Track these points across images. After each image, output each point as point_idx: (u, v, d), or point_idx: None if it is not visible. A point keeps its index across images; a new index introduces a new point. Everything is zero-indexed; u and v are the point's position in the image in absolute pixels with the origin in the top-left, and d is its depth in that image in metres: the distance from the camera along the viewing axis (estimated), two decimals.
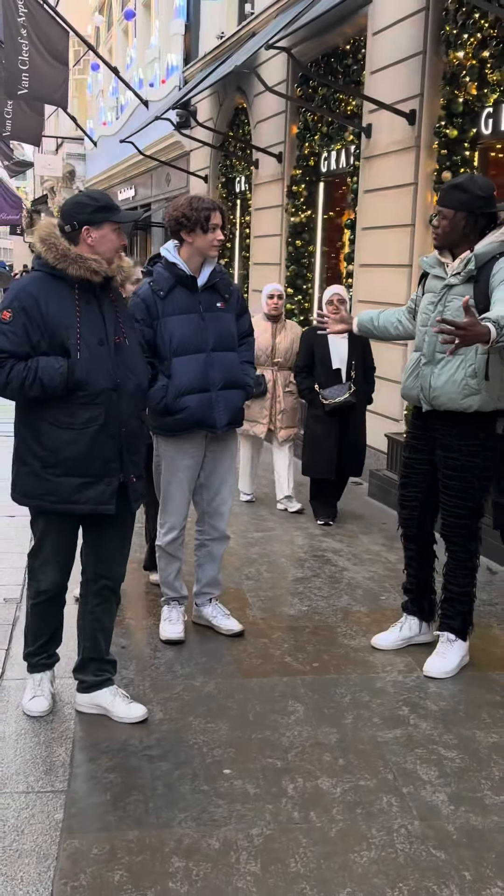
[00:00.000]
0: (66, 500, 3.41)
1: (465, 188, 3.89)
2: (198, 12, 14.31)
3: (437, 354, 3.96)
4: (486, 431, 4.01)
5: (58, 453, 3.37)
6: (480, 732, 3.65)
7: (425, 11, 7.21)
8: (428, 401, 4.01)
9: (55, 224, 3.38)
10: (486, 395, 3.88)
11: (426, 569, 4.37)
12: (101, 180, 22.06)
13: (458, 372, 3.89)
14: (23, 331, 3.28)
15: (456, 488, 4.05)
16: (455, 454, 4.02)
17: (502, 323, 3.39)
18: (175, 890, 2.69)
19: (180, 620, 4.47)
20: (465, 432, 3.98)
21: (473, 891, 2.73)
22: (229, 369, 4.22)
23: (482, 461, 4.03)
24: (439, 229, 3.94)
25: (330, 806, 3.13)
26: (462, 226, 3.87)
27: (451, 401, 3.93)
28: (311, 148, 9.88)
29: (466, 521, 4.10)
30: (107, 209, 3.37)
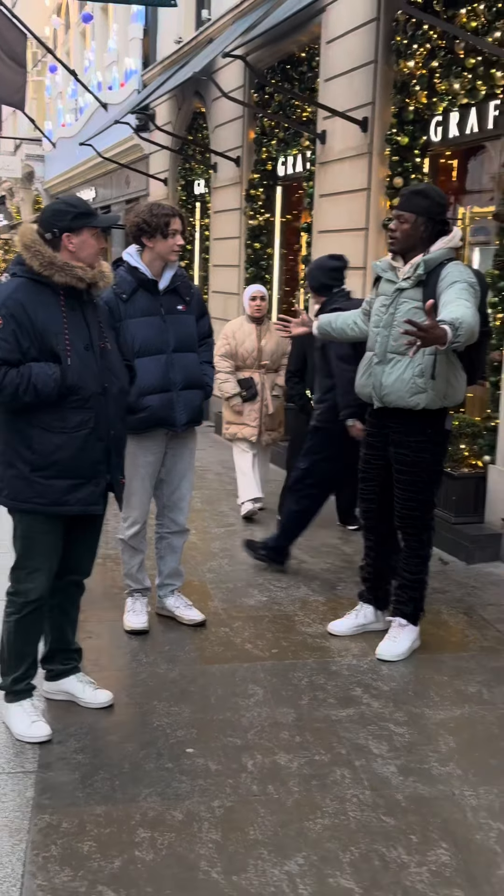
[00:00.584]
0: (56, 501, 3.49)
1: (426, 194, 4.13)
2: (155, 17, 14.46)
3: (388, 354, 4.18)
4: (433, 428, 4.22)
5: (49, 456, 3.45)
6: (429, 710, 3.87)
7: (376, 22, 7.45)
8: (379, 398, 4.23)
9: (35, 230, 3.46)
10: (433, 394, 4.10)
11: (383, 559, 4.57)
12: (61, 182, 22.10)
13: (407, 371, 4.11)
14: (13, 338, 3.36)
15: (407, 482, 4.27)
16: (405, 450, 4.24)
17: (456, 325, 3.62)
18: (141, 858, 2.87)
19: (144, 611, 4.64)
20: (414, 429, 4.20)
21: (420, 852, 2.94)
22: (190, 370, 4.40)
23: (431, 456, 4.25)
24: (398, 233, 4.13)
25: (287, 779, 3.32)
26: (421, 230, 4.10)
27: (400, 398, 4.14)
28: (268, 153, 10.09)
29: (419, 513, 4.32)
30: (85, 215, 3.48)
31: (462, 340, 3.68)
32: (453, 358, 4.12)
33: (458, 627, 4.80)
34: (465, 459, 6.18)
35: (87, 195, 20.01)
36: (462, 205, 7.15)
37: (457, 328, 3.61)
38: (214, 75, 10.85)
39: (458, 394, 4.22)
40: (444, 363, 4.09)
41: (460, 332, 3.64)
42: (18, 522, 3.55)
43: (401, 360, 4.12)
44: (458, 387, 4.20)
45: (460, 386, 4.21)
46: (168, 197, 13.71)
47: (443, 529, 6.07)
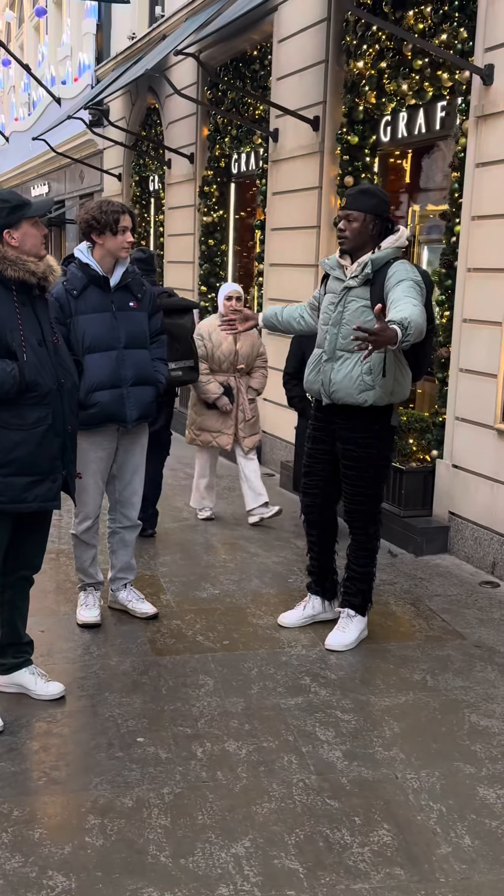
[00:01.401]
0: (14, 499, 3.51)
1: (373, 193, 4.24)
2: (109, 12, 14.43)
3: (337, 352, 4.26)
4: (380, 424, 4.32)
5: (7, 454, 3.47)
6: (374, 697, 3.98)
7: (327, 22, 7.54)
8: (328, 395, 4.32)
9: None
10: (380, 391, 4.20)
11: (327, 552, 4.67)
12: (14, 176, 21.94)
13: (355, 369, 4.20)
14: None
15: (354, 477, 4.37)
16: (352, 445, 4.33)
17: (405, 324, 3.72)
18: (91, 843, 2.93)
19: (96, 605, 4.69)
20: (361, 425, 4.30)
21: (363, 833, 3.03)
22: (141, 366, 4.46)
23: (378, 451, 4.35)
24: (347, 232, 4.21)
25: (235, 766, 3.40)
26: (370, 228, 4.19)
27: (348, 395, 4.23)
28: (221, 150, 10.15)
29: (366, 507, 4.42)
30: (19, 207, 3.48)
31: (411, 339, 3.77)
32: (399, 355, 4.23)
33: (405, 618, 4.92)
34: (414, 454, 6.31)
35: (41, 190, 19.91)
36: (411, 203, 7.27)
37: (406, 327, 3.71)
38: (168, 72, 10.88)
39: (405, 390, 4.32)
40: (392, 361, 4.20)
41: (409, 330, 3.73)
42: None
43: (349, 357, 4.22)
44: (405, 383, 4.31)
45: (406, 382, 4.32)
46: (122, 193, 13.71)
47: (392, 522, 6.20)
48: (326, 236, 7.61)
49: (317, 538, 4.64)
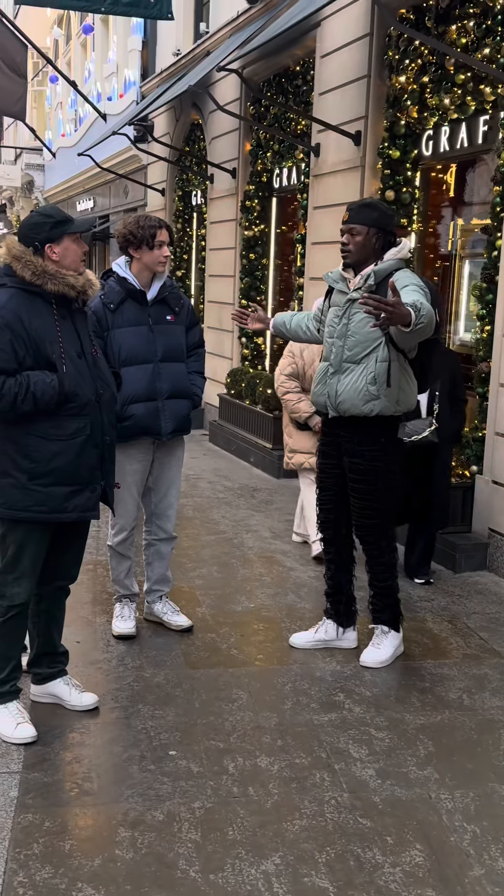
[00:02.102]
0: (55, 509, 3.55)
1: (375, 206, 4.24)
2: (154, 29, 14.58)
3: (343, 364, 4.25)
4: (386, 436, 4.29)
5: (47, 464, 3.50)
6: (409, 715, 3.93)
7: (370, 37, 7.55)
8: (334, 407, 4.29)
9: (18, 242, 3.53)
10: (385, 401, 4.17)
11: (343, 572, 4.58)
12: (60, 191, 22.23)
13: (360, 380, 4.18)
14: (10, 347, 3.41)
15: (362, 491, 4.32)
16: (358, 458, 4.29)
17: (417, 306, 3.73)
18: (121, 856, 2.93)
19: (132, 617, 4.71)
20: (368, 438, 4.26)
21: (395, 853, 3.00)
22: (176, 379, 4.48)
23: (385, 465, 4.30)
24: (350, 246, 4.20)
25: (267, 781, 3.38)
26: (373, 242, 4.18)
27: (354, 406, 4.20)
28: (263, 165, 10.20)
29: (375, 521, 4.36)
30: (62, 223, 3.54)
31: (424, 322, 3.76)
32: (404, 364, 4.21)
33: (442, 635, 4.86)
34: (453, 469, 6.25)
35: (86, 205, 20.15)
36: (453, 217, 7.24)
37: (418, 309, 3.73)
38: (211, 88, 10.97)
39: (411, 399, 4.29)
40: (397, 370, 4.17)
41: (422, 313, 3.74)
42: (11, 530, 3.58)
43: (354, 368, 4.21)
44: (410, 392, 4.28)
45: (412, 391, 4.29)
46: (165, 207, 13.82)
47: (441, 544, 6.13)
48: None
49: (333, 555, 4.56)
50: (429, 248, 7.52)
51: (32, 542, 3.59)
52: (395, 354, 4.15)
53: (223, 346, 11.17)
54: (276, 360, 10.44)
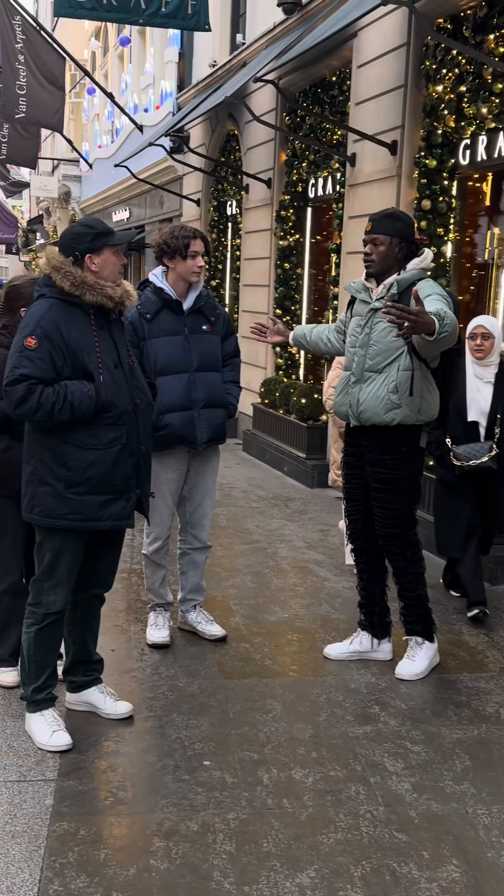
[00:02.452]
0: (90, 517, 3.57)
1: (398, 217, 4.24)
2: (191, 41, 14.68)
3: (365, 373, 4.24)
4: (408, 445, 4.27)
5: (83, 473, 3.52)
6: (446, 729, 3.89)
7: (406, 47, 7.53)
8: (356, 416, 4.29)
9: (59, 252, 3.56)
10: (407, 409, 4.16)
11: (375, 582, 4.55)
12: (96, 202, 22.41)
13: (381, 389, 4.18)
14: (48, 357, 3.43)
15: (385, 500, 4.30)
16: (381, 468, 4.28)
17: (441, 315, 3.74)
18: (156, 866, 2.93)
19: (166, 626, 4.71)
20: (390, 447, 4.25)
21: (431, 868, 2.96)
22: (212, 389, 4.49)
23: (407, 473, 4.28)
24: (374, 256, 4.20)
25: (301, 793, 3.36)
26: (396, 251, 4.18)
27: (375, 415, 4.20)
28: (298, 174, 10.20)
29: (399, 531, 4.33)
30: (104, 235, 3.57)
31: (448, 331, 3.76)
32: (426, 373, 4.21)
33: (478, 648, 4.81)
34: None
35: (122, 215, 20.29)
36: (490, 226, 7.19)
37: (442, 318, 3.73)
38: (247, 99, 11.01)
39: (433, 408, 4.27)
40: (420, 379, 4.16)
41: (446, 321, 3.74)
42: (48, 538, 3.60)
43: (376, 377, 4.20)
44: (432, 401, 4.27)
45: (434, 400, 4.28)
46: (200, 217, 13.88)
47: None
48: None
49: (364, 565, 4.53)
50: (465, 257, 7.47)
51: (68, 549, 3.61)
52: (418, 364, 4.15)
53: (257, 356, 11.18)
54: (310, 370, 10.45)
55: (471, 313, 7.39)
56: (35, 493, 3.55)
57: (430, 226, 7.33)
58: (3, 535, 4.05)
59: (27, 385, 3.40)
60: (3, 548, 4.07)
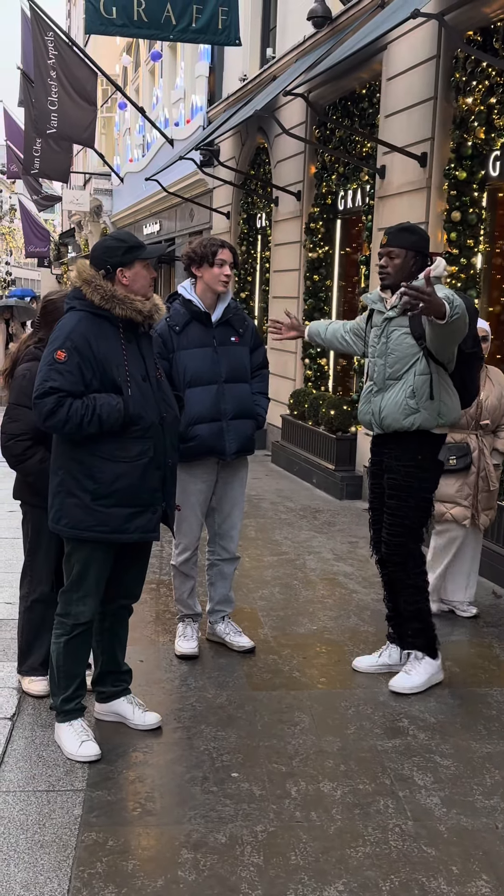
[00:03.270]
0: (117, 529, 3.59)
1: (413, 230, 4.28)
2: (221, 55, 14.78)
3: (386, 382, 4.27)
4: (424, 454, 4.27)
5: (110, 485, 3.55)
6: (476, 743, 3.86)
7: (436, 59, 7.54)
8: (378, 424, 4.32)
9: (90, 265, 3.60)
10: (426, 413, 4.18)
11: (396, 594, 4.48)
12: (127, 215, 22.59)
13: (399, 394, 4.21)
14: (77, 370, 3.46)
15: (394, 507, 4.30)
16: (395, 474, 4.29)
17: (451, 298, 3.81)
18: (183, 878, 2.93)
19: (195, 637, 4.72)
20: (406, 453, 4.26)
21: (460, 883, 2.94)
22: (241, 400, 4.51)
23: (419, 482, 4.27)
24: (389, 268, 4.23)
25: (330, 807, 3.35)
26: (411, 264, 4.21)
27: (395, 421, 4.22)
28: (328, 187, 10.23)
29: (403, 540, 4.31)
30: (135, 248, 3.60)
31: (458, 314, 3.84)
32: (444, 376, 4.23)
33: None
34: None
35: (152, 228, 20.43)
36: None
37: (451, 301, 3.81)
38: (277, 112, 11.06)
39: (453, 413, 4.27)
40: (437, 382, 4.20)
41: (455, 304, 3.82)
42: (76, 549, 3.63)
43: (396, 384, 4.24)
44: (452, 405, 4.27)
45: (453, 405, 4.28)
46: (230, 230, 13.94)
47: (496, 562, 6.05)
48: None
49: (388, 577, 4.50)
50: (496, 268, 7.44)
51: (96, 561, 3.63)
52: (435, 367, 4.19)
53: (286, 367, 11.19)
54: (338, 381, 10.44)
55: (500, 324, 7.36)
56: (63, 505, 3.58)
57: (460, 237, 7.31)
58: (38, 545, 4.08)
59: (56, 398, 3.43)
60: (37, 558, 4.10)
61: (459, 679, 4.52)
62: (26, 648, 4.18)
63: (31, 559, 4.13)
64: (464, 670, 4.63)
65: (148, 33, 10.22)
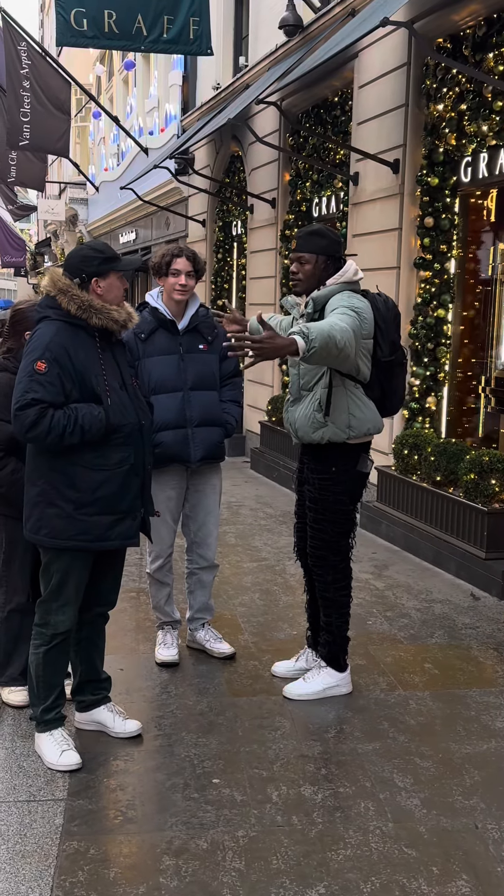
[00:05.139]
0: (99, 537, 3.59)
1: (323, 234, 4.13)
2: (195, 64, 14.83)
3: (301, 392, 4.20)
4: (339, 466, 4.17)
5: (92, 494, 3.55)
6: (455, 744, 3.89)
7: (407, 66, 7.61)
8: (294, 434, 4.25)
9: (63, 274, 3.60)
10: (335, 427, 4.08)
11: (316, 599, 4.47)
12: (103, 224, 22.57)
13: (308, 407, 4.13)
14: (58, 381, 3.45)
15: (311, 519, 4.25)
16: (310, 486, 4.24)
17: (305, 332, 3.58)
18: (165, 885, 2.93)
19: (174, 644, 4.72)
20: (320, 465, 4.19)
21: (440, 883, 2.96)
22: (207, 407, 4.50)
23: (333, 496, 4.17)
24: (300, 275, 4.12)
25: (311, 810, 3.36)
26: (322, 269, 4.08)
27: (306, 434, 4.15)
28: (302, 194, 10.28)
29: (323, 552, 4.25)
30: (111, 260, 3.62)
31: (317, 347, 3.59)
32: (352, 388, 4.09)
33: (487, 663, 4.81)
34: (497, 495, 6.20)
35: (129, 237, 20.43)
36: (495, 242, 7.23)
37: (307, 335, 3.56)
38: (250, 120, 11.11)
39: (365, 424, 4.12)
40: (342, 395, 4.07)
41: (312, 336, 3.57)
42: (55, 559, 3.61)
43: (307, 396, 4.15)
44: (363, 417, 4.11)
45: (366, 416, 4.12)
46: (206, 238, 13.97)
47: (474, 565, 6.09)
48: (406, 277, 7.62)
49: (308, 583, 4.48)
50: (469, 273, 7.51)
51: (77, 569, 3.63)
52: (340, 380, 4.05)
53: (264, 374, 11.23)
54: None
55: (475, 329, 7.43)
56: (42, 515, 3.57)
57: (433, 243, 7.38)
58: (13, 556, 4.08)
59: (38, 409, 3.42)
60: (12, 568, 4.09)
61: (438, 681, 4.55)
62: (5, 659, 4.17)
63: (6, 569, 4.11)
64: (443, 672, 4.66)
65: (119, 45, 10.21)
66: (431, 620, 5.44)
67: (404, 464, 7.16)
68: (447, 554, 6.44)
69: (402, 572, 6.46)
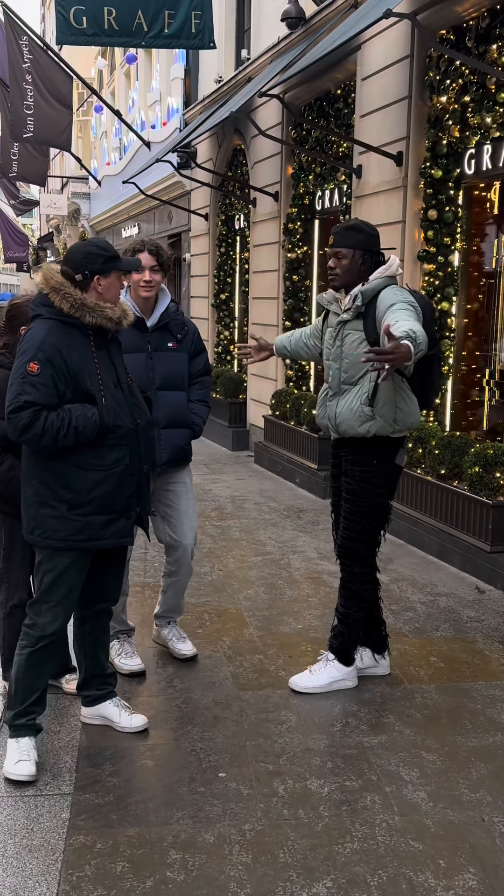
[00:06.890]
0: (93, 536, 3.56)
1: (359, 229, 4.14)
2: (197, 57, 14.79)
3: (342, 386, 4.20)
4: (380, 459, 4.18)
5: (87, 494, 3.52)
6: (461, 737, 3.89)
7: (410, 58, 7.58)
8: (335, 429, 4.25)
9: (60, 272, 3.54)
10: (381, 420, 4.09)
11: None
12: (106, 218, 22.55)
13: (355, 401, 4.12)
14: (51, 382, 3.41)
15: (348, 511, 4.25)
16: (350, 479, 4.23)
17: (412, 335, 3.60)
18: (172, 878, 2.93)
19: (134, 653, 4.57)
20: (361, 459, 4.19)
21: (447, 876, 2.96)
22: (174, 408, 4.38)
23: (374, 487, 4.18)
24: (337, 269, 4.13)
25: (317, 804, 3.37)
26: (359, 264, 4.09)
27: (351, 427, 4.15)
28: (305, 187, 10.26)
29: (354, 545, 4.26)
30: (114, 259, 3.59)
31: (422, 349, 3.65)
32: (399, 382, 4.11)
33: (493, 656, 4.80)
34: (502, 488, 6.19)
35: (131, 231, 20.41)
36: (498, 234, 7.21)
37: (414, 339, 3.60)
38: (253, 113, 11.08)
39: (410, 418, 4.15)
40: (389, 389, 4.08)
41: (419, 340, 3.61)
42: (49, 559, 3.58)
43: (351, 389, 4.15)
44: (409, 411, 4.14)
45: (410, 410, 4.15)
46: (209, 232, 13.95)
47: (479, 558, 6.09)
48: (410, 269, 7.60)
49: None
50: (473, 266, 7.49)
51: (70, 570, 3.58)
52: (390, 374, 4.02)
53: (267, 368, 11.21)
54: (320, 381, 10.46)
55: (479, 321, 7.41)
56: (37, 515, 3.54)
57: (437, 235, 7.36)
58: (12, 552, 4.07)
59: (32, 412, 3.38)
60: (12, 565, 4.09)
61: (444, 674, 4.55)
62: (10, 655, 4.17)
63: (6, 565, 4.11)
64: (448, 665, 4.66)
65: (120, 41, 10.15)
66: (436, 614, 5.43)
67: (409, 457, 7.15)
68: (452, 547, 6.44)
69: (407, 566, 6.45)
